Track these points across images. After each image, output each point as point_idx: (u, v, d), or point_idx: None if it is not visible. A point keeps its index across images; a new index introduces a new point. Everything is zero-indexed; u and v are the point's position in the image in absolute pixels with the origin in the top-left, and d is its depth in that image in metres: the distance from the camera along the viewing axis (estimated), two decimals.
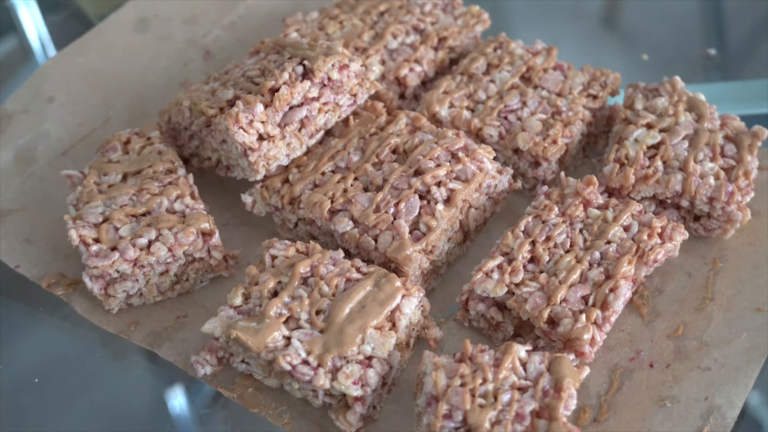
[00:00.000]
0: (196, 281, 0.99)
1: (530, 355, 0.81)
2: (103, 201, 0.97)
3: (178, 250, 0.93)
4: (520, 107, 1.07)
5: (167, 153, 1.03)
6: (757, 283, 0.96)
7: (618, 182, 0.99)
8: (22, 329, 1.00)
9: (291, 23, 1.20)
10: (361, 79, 1.03)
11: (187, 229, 0.94)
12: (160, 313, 0.98)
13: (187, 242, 0.94)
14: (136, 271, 0.93)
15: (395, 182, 0.97)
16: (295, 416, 0.88)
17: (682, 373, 0.89)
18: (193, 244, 0.94)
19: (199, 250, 0.96)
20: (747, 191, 0.97)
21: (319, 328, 0.84)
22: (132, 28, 1.30)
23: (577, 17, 1.48)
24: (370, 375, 0.82)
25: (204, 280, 1.00)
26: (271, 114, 0.96)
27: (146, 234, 0.93)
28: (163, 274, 0.96)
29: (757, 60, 1.36)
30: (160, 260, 0.94)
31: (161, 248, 0.93)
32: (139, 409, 0.94)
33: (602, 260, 0.91)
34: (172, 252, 0.93)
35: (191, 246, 0.94)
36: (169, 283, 0.97)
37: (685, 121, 1.03)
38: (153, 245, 0.93)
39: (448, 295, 0.99)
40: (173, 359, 0.93)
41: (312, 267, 0.90)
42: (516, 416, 0.76)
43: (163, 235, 0.93)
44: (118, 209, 0.96)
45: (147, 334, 0.96)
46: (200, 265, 0.98)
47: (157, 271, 0.95)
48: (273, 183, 1.01)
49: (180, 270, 0.97)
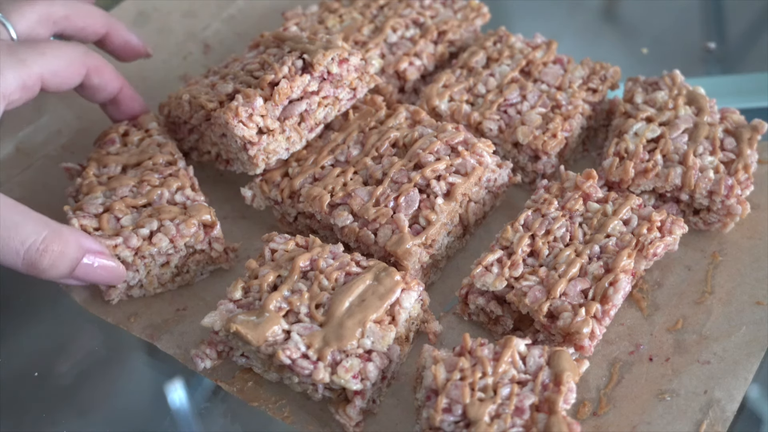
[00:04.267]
0: (196, 273, 0.99)
1: (530, 348, 0.81)
2: (103, 192, 0.97)
3: (179, 241, 0.93)
4: (520, 101, 1.07)
5: (167, 145, 1.03)
6: (757, 276, 0.96)
7: (618, 176, 0.98)
8: (22, 324, 1.00)
9: (291, 17, 1.20)
10: (361, 73, 1.02)
11: (188, 220, 0.94)
12: (159, 306, 0.98)
13: (188, 233, 0.94)
14: (137, 261, 0.93)
15: (395, 176, 0.96)
16: (294, 410, 0.88)
17: (682, 366, 0.89)
18: (194, 236, 0.94)
19: (200, 242, 0.96)
20: (746, 185, 0.97)
21: (319, 321, 0.84)
22: (131, 21, 1.30)
23: (576, 11, 1.47)
24: (370, 369, 0.82)
25: (204, 272, 1.00)
26: (271, 108, 0.96)
27: (148, 224, 0.93)
28: (164, 265, 0.96)
29: (756, 53, 1.36)
30: (162, 251, 0.94)
31: (163, 239, 0.93)
32: (138, 403, 0.95)
33: (602, 254, 0.91)
34: (174, 243, 0.93)
35: (193, 237, 0.94)
36: (169, 275, 0.97)
37: (685, 114, 1.03)
38: (155, 236, 0.93)
39: (447, 289, 0.99)
40: (172, 352, 0.93)
41: (312, 261, 0.90)
42: (515, 410, 0.76)
43: (164, 226, 0.93)
44: (118, 200, 0.96)
45: (146, 326, 0.96)
46: (201, 257, 0.98)
47: (158, 262, 0.95)
48: (272, 177, 1.01)
49: (181, 262, 0.97)
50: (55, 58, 0.93)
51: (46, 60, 0.92)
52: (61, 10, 1.00)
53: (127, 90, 1.04)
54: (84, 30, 1.03)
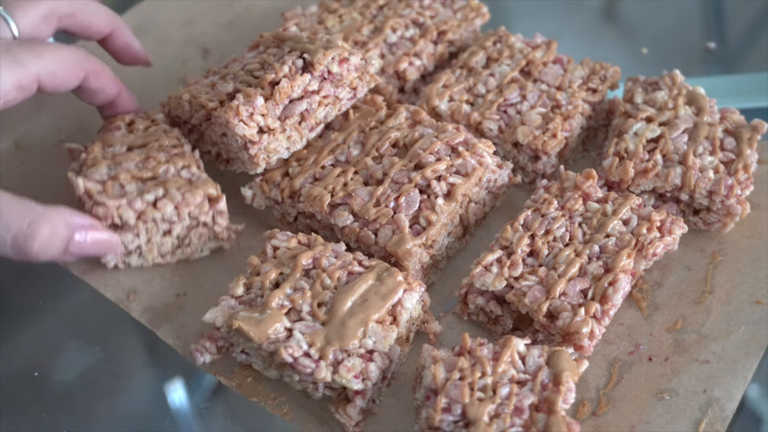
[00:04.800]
0: (197, 248, 1.00)
1: (529, 348, 0.81)
2: (108, 165, 0.97)
3: (184, 209, 0.94)
4: (520, 101, 1.07)
5: (173, 132, 1.03)
6: (756, 276, 0.96)
7: (617, 176, 0.99)
8: (22, 324, 1.00)
9: (290, 17, 1.20)
10: (361, 73, 1.02)
11: (194, 190, 0.94)
12: (159, 285, 0.98)
13: (194, 202, 0.94)
14: (139, 224, 0.94)
15: (395, 176, 0.97)
16: (294, 407, 0.88)
17: (681, 366, 0.89)
18: (199, 206, 0.95)
19: (204, 213, 0.96)
20: (746, 185, 0.97)
21: (321, 320, 0.85)
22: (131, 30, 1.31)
23: (576, 11, 1.48)
24: (372, 369, 0.83)
25: (204, 248, 1.00)
26: (272, 107, 0.96)
27: (153, 191, 0.93)
28: (166, 234, 0.96)
29: (756, 53, 1.36)
30: (165, 217, 0.94)
31: (168, 204, 0.93)
32: (138, 403, 0.95)
33: (601, 254, 0.91)
34: (179, 210, 0.94)
35: (197, 207, 0.95)
36: (170, 246, 0.98)
37: (685, 114, 1.03)
38: (159, 201, 0.93)
39: (447, 289, 0.99)
40: (172, 342, 0.94)
41: (314, 259, 0.90)
42: (515, 410, 0.76)
43: (170, 193, 0.94)
44: (123, 171, 0.96)
45: (145, 309, 0.96)
46: (204, 231, 0.98)
47: (160, 229, 0.95)
48: (273, 176, 1.01)
49: (183, 233, 0.97)
50: (53, 60, 0.93)
51: (43, 61, 0.92)
52: (67, 7, 1.00)
53: (125, 93, 1.05)
54: (89, 28, 1.03)
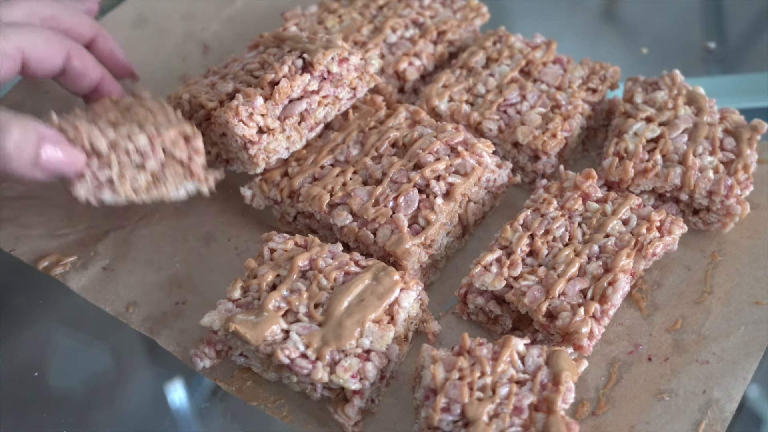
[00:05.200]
0: (173, 188, 0.96)
1: (528, 348, 0.81)
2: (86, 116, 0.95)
3: (157, 140, 0.91)
4: (520, 101, 1.07)
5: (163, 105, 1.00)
6: (756, 276, 0.96)
7: (617, 176, 0.99)
8: (22, 324, 1.00)
9: (290, 17, 1.20)
10: (361, 73, 1.02)
11: (170, 126, 0.92)
12: (158, 296, 0.98)
13: (168, 137, 0.92)
14: (111, 155, 0.90)
15: (394, 176, 0.97)
16: (293, 409, 0.88)
17: (681, 366, 0.89)
18: (173, 142, 0.92)
19: (180, 150, 0.93)
20: (746, 185, 0.97)
21: (318, 321, 0.85)
22: (130, 24, 1.31)
23: (576, 11, 1.48)
24: (369, 368, 0.83)
25: (181, 188, 0.96)
26: (271, 107, 0.96)
27: (128, 124, 0.91)
28: (140, 168, 0.93)
29: (756, 53, 1.36)
30: (138, 148, 0.91)
31: (141, 135, 0.91)
32: (138, 403, 0.95)
33: (601, 254, 0.91)
34: (152, 143, 0.91)
35: (172, 143, 0.92)
36: (144, 182, 0.94)
37: (685, 114, 1.03)
38: (132, 133, 0.91)
39: (446, 288, 0.99)
40: (172, 349, 0.93)
41: (311, 260, 0.90)
42: (514, 409, 0.76)
43: (144, 127, 0.92)
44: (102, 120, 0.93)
45: (146, 318, 0.96)
46: (180, 169, 0.95)
47: (133, 162, 0.92)
48: (272, 176, 1.01)
49: (158, 169, 0.94)
50: (34, 34, 0.95)
51: (24, 36, 0.94)
52: (48, 10, 1.02)
53: (108, 78, 1.05)
54: (71, 31, 1.04)
